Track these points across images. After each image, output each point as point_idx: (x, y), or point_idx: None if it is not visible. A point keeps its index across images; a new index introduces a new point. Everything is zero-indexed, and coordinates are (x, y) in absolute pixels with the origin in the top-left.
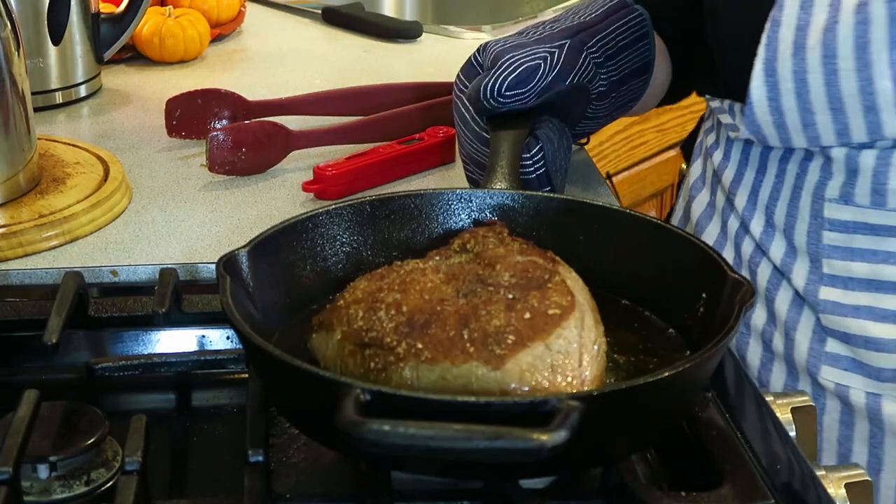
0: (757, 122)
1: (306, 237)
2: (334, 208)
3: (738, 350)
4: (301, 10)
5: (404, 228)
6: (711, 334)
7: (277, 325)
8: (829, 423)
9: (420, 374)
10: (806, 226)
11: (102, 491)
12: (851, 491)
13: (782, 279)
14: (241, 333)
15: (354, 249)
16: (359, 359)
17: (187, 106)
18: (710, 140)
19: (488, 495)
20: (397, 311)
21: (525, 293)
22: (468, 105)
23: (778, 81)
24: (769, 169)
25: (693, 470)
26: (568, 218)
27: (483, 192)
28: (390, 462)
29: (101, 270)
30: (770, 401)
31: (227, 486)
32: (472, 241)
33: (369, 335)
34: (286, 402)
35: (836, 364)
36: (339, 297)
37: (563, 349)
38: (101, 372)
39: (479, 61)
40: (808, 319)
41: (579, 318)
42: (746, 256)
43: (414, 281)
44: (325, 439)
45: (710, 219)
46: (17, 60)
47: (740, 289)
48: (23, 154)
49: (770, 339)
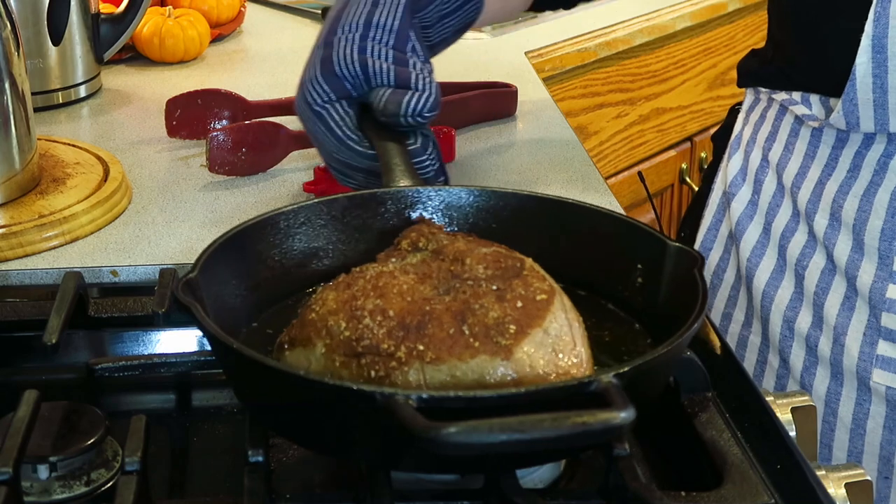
0: (856, 101)
1: (261, 240)
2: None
3: (781, 353)
4: (301, 10)
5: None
6: (661, 301)
7: (237, 331)
8: (873, 427)
9: (426, 375)
10: (880, 223)
11: (102, 491)
12: (851, 491)
13: (832, 280)
14: (245, 357)
15: (304, 251)
16: (354, 369)
17: (187, 106)
18: (763, 133)
19: (488, 495)
20: (384, 317)
21: (507, 283)
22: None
23: (887, 58)
24: (840, 163)
25: (693, 470)
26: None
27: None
28: (437, 464)
29: (101, 270)
30: (770, 401)
31: (227, 486)
32: (422, 238)
33: (362, 344)
34: (299, 420)
35: (888, 367)
36: (306, 310)
37: (558, 332)
38: (101, 372)
39: (344, 71)
40: (860, 321)
41: (560, 300)
42: (793, 259)
43: (387, 285)
44: (345, 452)
45: (751, 218)
46: (17, 60)
47: (687, 256)
48: (23, 154)
49: (816, 342)
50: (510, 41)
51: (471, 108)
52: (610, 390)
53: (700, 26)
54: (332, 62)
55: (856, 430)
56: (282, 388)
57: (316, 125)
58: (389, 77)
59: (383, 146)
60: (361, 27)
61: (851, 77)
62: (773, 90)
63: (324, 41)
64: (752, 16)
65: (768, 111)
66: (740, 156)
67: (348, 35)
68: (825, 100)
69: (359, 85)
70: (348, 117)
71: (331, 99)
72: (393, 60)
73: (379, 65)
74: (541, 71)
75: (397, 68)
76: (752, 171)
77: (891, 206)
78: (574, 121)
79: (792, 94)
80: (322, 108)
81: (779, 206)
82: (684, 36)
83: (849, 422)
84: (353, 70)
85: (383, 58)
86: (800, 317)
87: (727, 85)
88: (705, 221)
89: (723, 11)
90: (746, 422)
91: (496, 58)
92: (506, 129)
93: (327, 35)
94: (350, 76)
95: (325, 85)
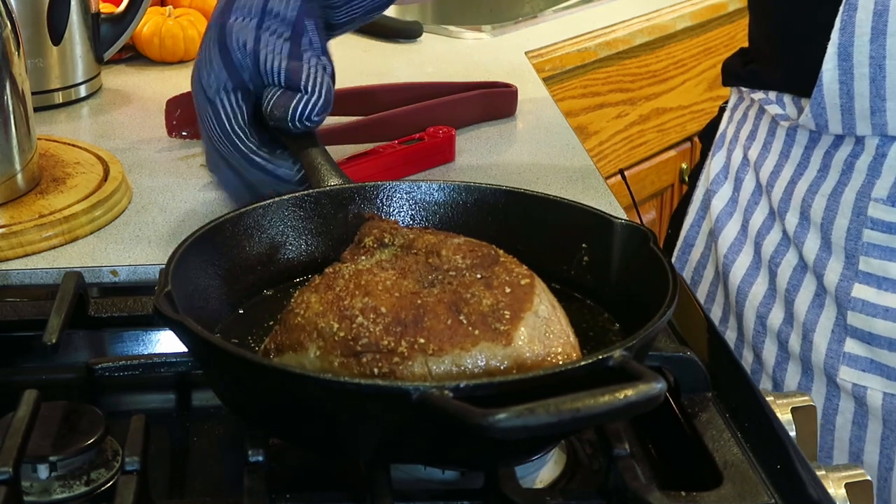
0: (823, 105)
1: (241, 229)
2: (267, 204)
3: (754, 348)
4: None
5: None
6: (613, 278)
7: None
8: (842, 423)
9: (431, 367)
10: (846, 222)
11: (102, 491)
12: (851, 491)
13: (803, 278)
14: (252, 363)
15: (288, 242)
16: (355, 368)
17: (187, 106)
18: (745, 132)
19: (488, 495)
20: (377, 314)
21: (490, 271)
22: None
23: (852, 66)
24: (812, 163)
25: (693, 470)
26: (443, 200)
27: (423, 183)
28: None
29: (101, 270)
30: (770, 401)
31: (227, 486)
32: (385, 235)
33: (360, 343)
34: (312, 424)
35: (854, 364)
36: (288, 315)
37: (547, 314)
38: (101, 372)
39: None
40: (828, 319)
41: (540, 283)
42: (767, 256)
43: (370, 283)
44: (361, 451)
45: (731, 216)
46: (17, 60)
47: (636, 231)
48: (23, 154)
49: (786, 339)
50: (510, 41)
51: (471, 108)
52: (629, 363)
53: (700, 26)
54: (228, 50)
55: (826, 427)
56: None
57: (206, 112)
58: (280, 77)
59: (297, 145)
60: (259, 13)
61: (819, 82)
62: (752, 89)
63: (219, 22)
64: None
65: (750, 110)
66: (723, 154)
67: (243, 22)
68: (797, 100)
69: (255, 78)
70: (241, 112)
71: (227, 88)
72: (287, 54)
73: (271, 61)
74: (541, 71)
75: (289, 66)
76: (734, 170)
77: (856, 206)
78: (574, 121)
79: (768, 93)
80: (216, 95)
81: (756, 203)
82: (684, 36)
83: (819, 418)
84: (248, 62)
85: (276, 51)
86: (772, 313)
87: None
88: (688, 218)
89: (723, 11)
90: (746, 422)
91: (496, 58)
92: (506, 129)
93: (222, 14)
94: (246, 67)
95: (222, 72)
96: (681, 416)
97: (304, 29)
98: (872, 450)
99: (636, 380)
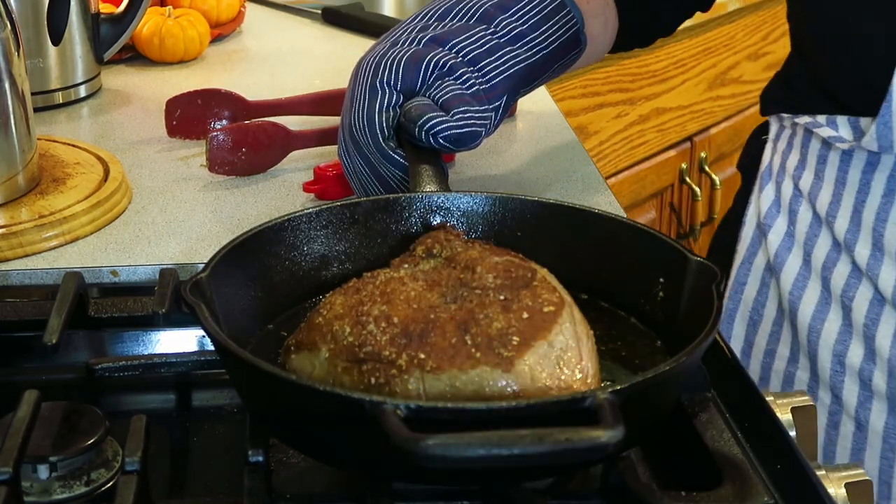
0: (891, 123)
1: (278, 243)
2: (301, 215)
3: (832, 388)
4: (301, 10)
5: (371, 232)
6: (681, 316)
7: (250, 334)
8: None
9: (426, 384)
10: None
11: (102, 491)
12: (851, 491)
13: (882, 311)
14: (243, 360)
15: (324, 255)
16: (355, 375)
17: (187, 106)
18: (792, 162)
19: (488, 495)
20: (388, 323)
21: (515, 293)
22: (393, 104)
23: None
24: (873, 188)
25: (693, 470)
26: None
27: (442, 195)
28: (426, 476)
29: (101, 270)
30: (770, 401)
31: (227, 486)
32: (437, 245)
33: (364, 350)
34: (292, 424)
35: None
36: (314, 314)
37: (564, 344)
38: (101, 372)
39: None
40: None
41: (570, 312)
42: (838, 291)
43: (395, 291)
44: (337, 459)
45: (790, 250)
46: (17, 60)
47: (707, 270)
48: (23, 154)
49: (869, 377)
50: None
51: None
52: (604, 407)
53: (700, 26)
54: (421, 57)
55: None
56: (275, 391)
57: (361, 95)
58: (445, 95)
59: (413, 149)
60: (472, 59)
61: (888, 98)
62: (796, 115)
63: (423, 43)
64: (752, 16)
65: (794, 138)
66: (772, 187)
67: (452, 58)
68: (854, 120)
69: (421, 85)
70: (393, 110)
71: (389, 82)
72: (466, 88)
73: (447, 84)
74: None
75: (460, 95)
76: (786, 202)
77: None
78: (574, 121)
79: (816, 116)
80: (380, 86)
81: (817, 236)
82: (684, 36)
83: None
84: (429, 74)
85: (460, 83)
86: (850, 350)
87: (727, 85)
88: (738, 255)
89: (723, 11)
90: (746, 422)
91: None
92: (506, 129)
93: (430, 43)
94: (423, 77)
95: (399, 73)
96: (681, 416)
97: (498, 93)
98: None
99: (595, 425)
